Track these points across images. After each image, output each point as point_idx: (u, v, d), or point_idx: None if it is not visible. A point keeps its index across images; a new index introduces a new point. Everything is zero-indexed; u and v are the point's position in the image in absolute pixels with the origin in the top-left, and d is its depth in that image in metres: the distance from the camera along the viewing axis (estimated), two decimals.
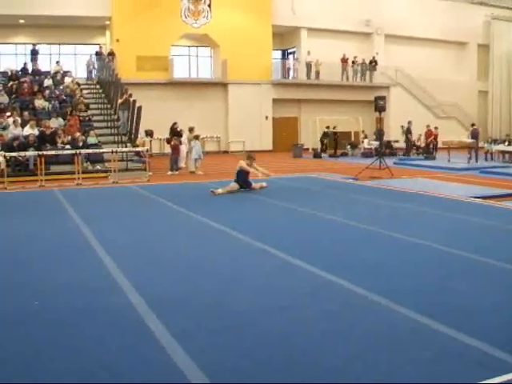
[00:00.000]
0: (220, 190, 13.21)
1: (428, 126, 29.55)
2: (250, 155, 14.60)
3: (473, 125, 28.28)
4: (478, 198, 12.60)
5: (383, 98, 21.13)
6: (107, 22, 31.36)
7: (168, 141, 21.48)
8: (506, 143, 26.00)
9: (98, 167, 18.99)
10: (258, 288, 5.78)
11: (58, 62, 28.45)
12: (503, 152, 25.25)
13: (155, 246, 7.90)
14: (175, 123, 21.84)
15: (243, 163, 13.84)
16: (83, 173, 17.31)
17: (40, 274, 6.41)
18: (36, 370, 3.89)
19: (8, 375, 3.79)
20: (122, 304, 5.23)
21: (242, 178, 13.76)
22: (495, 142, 27.69)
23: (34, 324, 4.77)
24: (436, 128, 29.37)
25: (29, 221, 10.06)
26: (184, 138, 21.75)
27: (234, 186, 13.58)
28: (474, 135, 26.13)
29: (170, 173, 19.77)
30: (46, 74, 26.68)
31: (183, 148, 21.73)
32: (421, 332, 4.52)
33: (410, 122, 29.53)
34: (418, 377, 3.72)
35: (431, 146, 29.12)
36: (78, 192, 14.76)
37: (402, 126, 30.00)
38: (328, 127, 31.15)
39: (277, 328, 4.65)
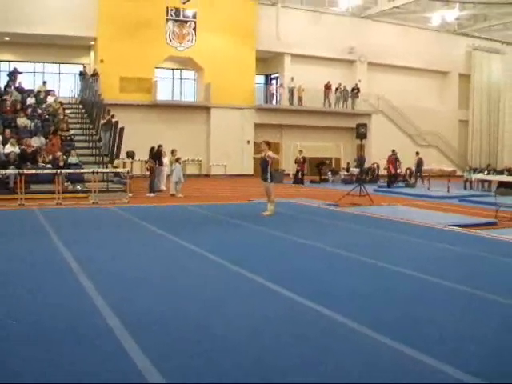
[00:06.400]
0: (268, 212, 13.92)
1: (418, 154, 28.36)
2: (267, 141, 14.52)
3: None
4: (457, 226, 12.68)
5: (365, 126, 21.34)
6: (92, 43, 31.39)
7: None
8: (486, 172, 26.26)
9: (79, 187, 18.90)
10: (237, 312, 5.77)
11: (44, 83, 28.25)
12: (482, 181, 25.51)
13: (134, 268, 7.84)
14: (160, 145, 21.71)
15: (270, 153, 13.99)
16: (63, 192, 17.19)
17: (20, 294, 6.34)
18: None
19: None
20: (100, 326, 5.19)
21: (264, 168, 14.05)
22: (475, 170, 27.98)
23: (15, 341, 4.76)
24: (417, 153, 28.32)
25: (9, 240, 9.96)
26: (165, 160, 21.74)
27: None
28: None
29: (147, 194, 19.76)
30: (29, 92, 26.53)
31: (164, 170, 21.73)
32: (400, 361, 4.52)
33: (418, 153, 28.43)
34: None
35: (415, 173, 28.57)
36: (58, 212, 14.66)
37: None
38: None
39: (254, 351, 4.66)
